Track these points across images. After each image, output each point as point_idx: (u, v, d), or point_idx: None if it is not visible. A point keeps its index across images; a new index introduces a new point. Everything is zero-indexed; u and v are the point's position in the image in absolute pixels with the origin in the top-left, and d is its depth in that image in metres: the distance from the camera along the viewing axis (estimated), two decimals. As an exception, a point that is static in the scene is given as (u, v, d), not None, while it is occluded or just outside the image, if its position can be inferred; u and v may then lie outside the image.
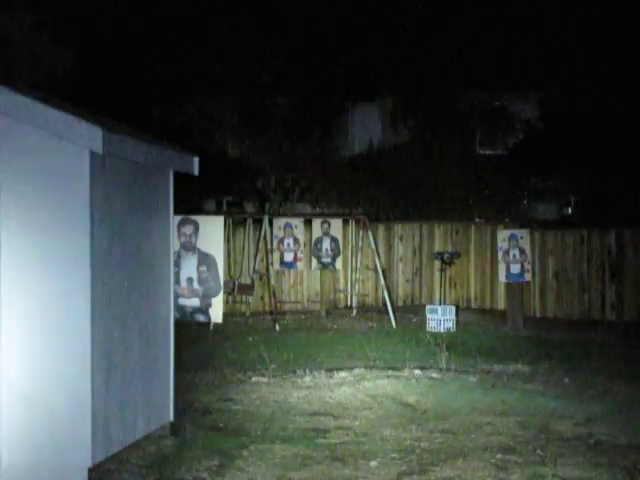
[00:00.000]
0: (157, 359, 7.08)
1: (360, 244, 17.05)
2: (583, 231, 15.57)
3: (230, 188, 23.04)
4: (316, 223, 16.87)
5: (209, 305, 11.98)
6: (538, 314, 15.72)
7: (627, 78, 19.31)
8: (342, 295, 17.61)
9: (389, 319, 15.43)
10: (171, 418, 7.34)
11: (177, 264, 10.66)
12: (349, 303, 17.30)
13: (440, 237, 17.31)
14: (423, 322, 15.30)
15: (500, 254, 15.80)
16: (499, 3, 21.63)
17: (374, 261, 16.55)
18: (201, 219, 12.07)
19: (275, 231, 16.42)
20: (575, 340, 13.95)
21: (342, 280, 17.60)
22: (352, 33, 21.28)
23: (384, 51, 21.54)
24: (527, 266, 15.62)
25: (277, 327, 14.82)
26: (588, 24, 20.36)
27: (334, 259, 16.77)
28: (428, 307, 15.51)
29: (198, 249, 11.70)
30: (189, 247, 11.70)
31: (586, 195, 22.86)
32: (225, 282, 13.12)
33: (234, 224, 16.73)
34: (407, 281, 17.63)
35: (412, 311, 16.95)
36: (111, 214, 6.19)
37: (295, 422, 8.01)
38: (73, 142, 5.80)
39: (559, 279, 15.57)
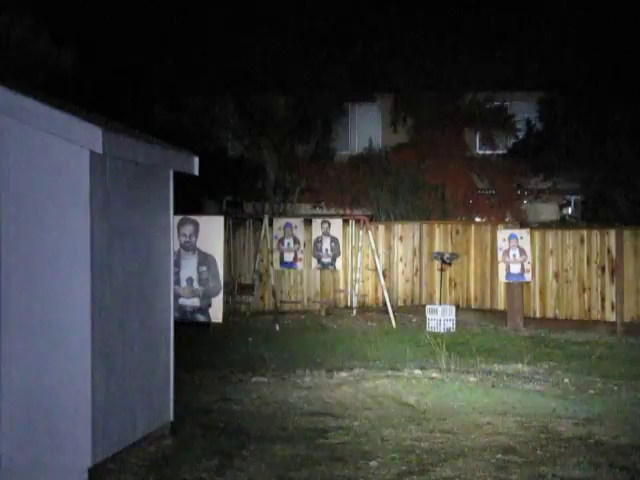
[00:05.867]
0: (157, 359, 7.08)
1: (360, 244, 17.06)
2: (583, 231, 15.56)
3: (230, 188, 23.05)
4: (316, 223, 16.87)
5: (209, 305, 11.99)
6: (538, 314, 15.70)
7: (627, 76, 19.31)
8: (342, 295, 17.61)
9: (389, 319, 15.43)
10: (171, 418, 7.34)
11: (177, 264, 10.66)
12: (349, 303, 17.31)
13: (440, 237, 17.29)
14: (423, 322, 15.31)
15: (500, 254, 15.81)
16: (499, 3, 21.64)
17: (374, 261, 16.55)
18: (201, 219, 12.07)
19: (275, 231, 16.43)
20: (575, 340, 13.96)
21: (342, 280, 17.61)
22: (352, 33, 21.27)
23: (384, 51, 21.54)
24: (527, 266, 15.62)
25: (277, 327, 14.82)
26: (587, 24, 20.36)
27: (334, 259, 16.77)
28: (428, 307, 15.52)
29: (198, 249, 11.70)
30: (189, 247, 11.71)
31: (586, 195, 22.86)
32: (225, 282, 13.12)
33: (234, 224, 16.73)
34: (407, 281, 17.62)
35: (412, 311, 16.96)
36: (111, 214, 6.19)
37: (295, 422, 8.00)
38: (73, 142, 5.81)
39: (559, 279, 15.55)
